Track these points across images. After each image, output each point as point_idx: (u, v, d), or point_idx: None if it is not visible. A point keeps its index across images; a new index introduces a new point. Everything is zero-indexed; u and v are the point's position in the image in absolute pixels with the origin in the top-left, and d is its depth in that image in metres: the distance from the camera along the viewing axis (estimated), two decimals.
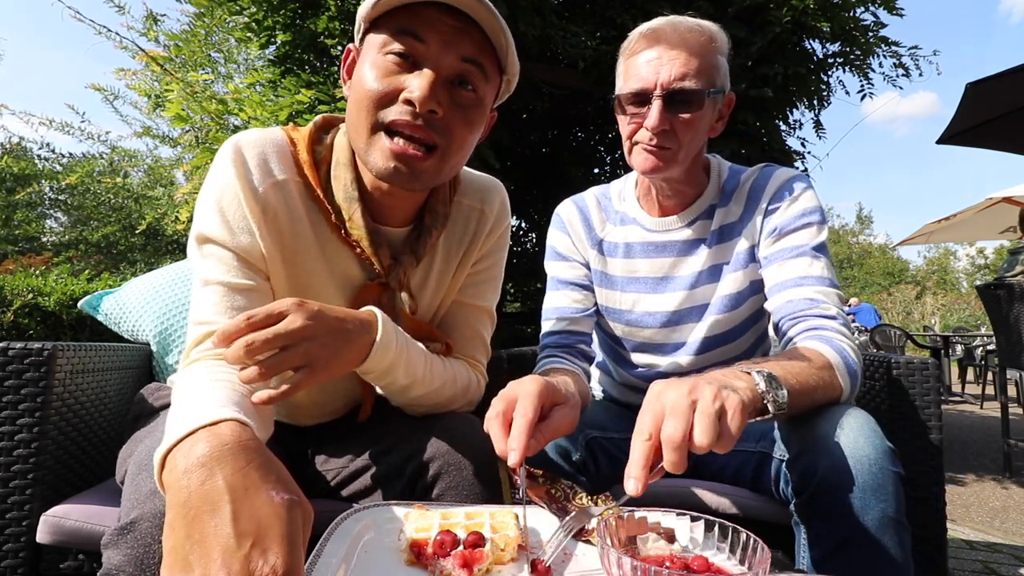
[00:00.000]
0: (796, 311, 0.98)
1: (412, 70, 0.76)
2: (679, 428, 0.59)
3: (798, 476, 0.83)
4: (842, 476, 0.77)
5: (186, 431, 0.55)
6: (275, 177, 0.83)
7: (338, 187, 0.85)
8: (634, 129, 1.04)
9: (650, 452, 0.60)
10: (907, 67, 2.80)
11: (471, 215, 0.98)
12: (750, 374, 0.73)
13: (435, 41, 0.76)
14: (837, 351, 0.89)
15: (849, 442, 0.79)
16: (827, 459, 0.79)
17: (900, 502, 0.77)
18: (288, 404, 1.00)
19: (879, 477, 0.76)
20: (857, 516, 0.76)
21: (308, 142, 0.86)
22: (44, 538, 1.00)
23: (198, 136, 2.56)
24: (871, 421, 0.83)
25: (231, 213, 0.80)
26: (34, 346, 1.04)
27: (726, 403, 0.62)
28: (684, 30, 1.01)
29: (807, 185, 1.09)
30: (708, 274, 1.12)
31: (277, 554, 0.46)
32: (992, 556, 2.16)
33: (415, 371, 0.84)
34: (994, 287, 3.25)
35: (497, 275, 1.03)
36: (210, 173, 0.83)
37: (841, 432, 0.80)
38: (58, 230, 10.19)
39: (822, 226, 1.06)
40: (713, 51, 1.02)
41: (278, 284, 0.85)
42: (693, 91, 0.99)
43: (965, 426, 5.03)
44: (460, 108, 0.79)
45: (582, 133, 3.43)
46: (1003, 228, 7.14)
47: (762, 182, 1.10)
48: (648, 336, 1.17)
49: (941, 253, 26.33)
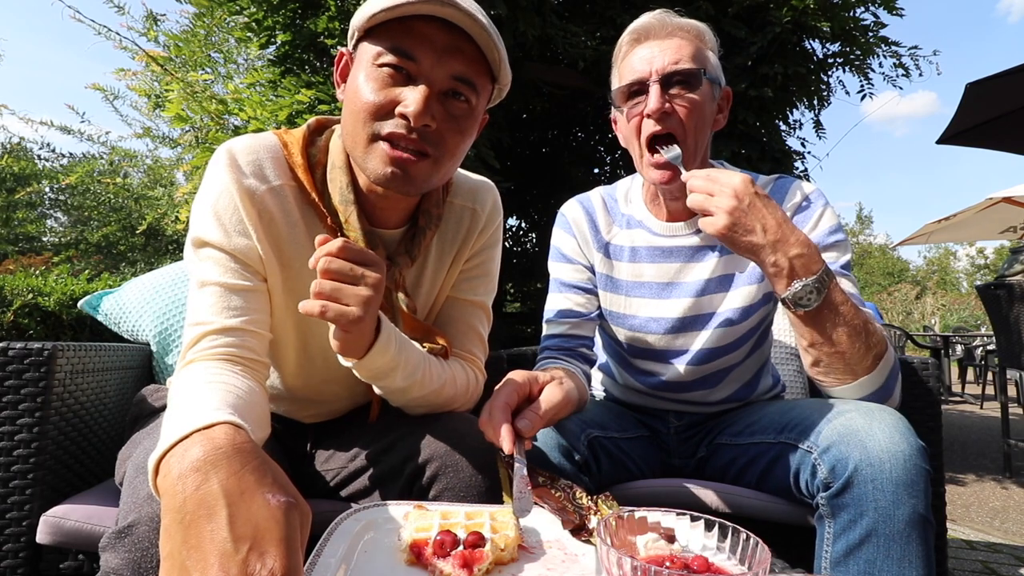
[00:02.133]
0: None
1: (406, 83, 0.77)
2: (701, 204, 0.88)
3: (829, 467, 0.83)
4: (875, 469, 0.78)
5: (180, 435, 0.54)
6: (270, 183, 0.83)
7: (334, 190, 0.85)
8: (637, 123, 1.03)
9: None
10: (907, 67, 2.80)
11: (463, 214, 0.98)
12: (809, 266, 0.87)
13: (428, 59, 0.77)
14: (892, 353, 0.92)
15: (884, 437, 0.79)
16: (861, 452, 0.79)
17: (929, 500, 0.78)
18: (291, 401, 1.00)
19: (912, 473, 0.77)
20: (888, 510, 0.76)
21: (302, 145, 0.86)
22: (44, 538, 1.00)
23: (198, 136, 2.55)
24: (904, 419, 0.84)
25: (227, 217, 0.80)
26: (34, 346, 1.04)
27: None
28: (672, 25, 1.02)
29: (826, 202, 1.08)
30: (717, 283, 1.11)
31: (275, 557, 0.46)
32: (992, 556, 2.16)
33: (413, 373, 0.84)
34: (994, 287, 3.25)
35: (491, 271, 1.03)
36: (205, 179, 0.83)
37: (876, 426, 0.81)
38: (58, 230, 10.18)
39: (847, 245, 1.05)
40: (703, 45, 1.03)
41: (274, 288, 0.85)
42: (689, 70, 0.99)
43: (965, 426, 5.03)
44: (453, 119, 0.80)
45: (582, 133, 3.43)
46: (1003, 228, 7.14)
47: (780, 195, 1.09)
48: (652, 342, 1.16)
49: (941, 253, 26.32)
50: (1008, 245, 10.71)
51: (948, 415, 5.61)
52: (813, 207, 1.07)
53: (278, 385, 0.97)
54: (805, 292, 0.85)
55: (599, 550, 0.55)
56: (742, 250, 0.87)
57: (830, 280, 0.87)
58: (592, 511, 0.72)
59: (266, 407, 0.75)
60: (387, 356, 0.79)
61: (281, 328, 0.89)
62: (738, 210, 0.85)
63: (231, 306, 0.78)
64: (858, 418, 0.84)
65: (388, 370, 0.80)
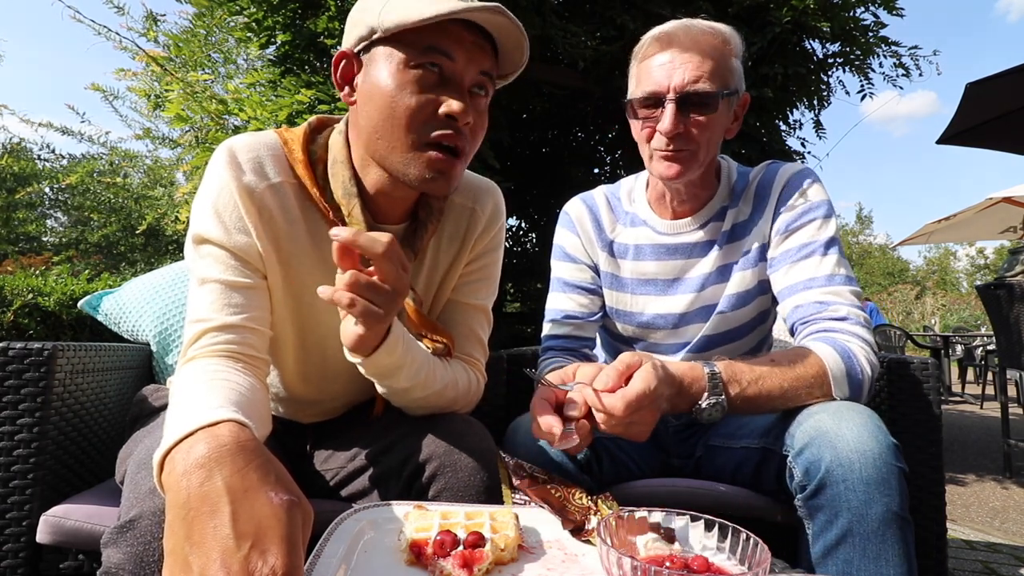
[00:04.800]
0: (806, 316, 0.98)
1: (439, 82, 0.78)
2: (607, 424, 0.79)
3: (803, 469, 0.83)
4: (846, 469, 0.78)
5: (184, 432, 0.55)
6: (270, 180, 0.83)
7: (336, 184, 0.85)
8: (649, 134, 1.04)
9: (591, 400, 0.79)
10: (907, 67, 2.80)
11: (462, 213, 0.98)
12: (703, 374, 0.85)
13: (462, 58, 0.78)
14: (840, 353, 0.89)
15: (853, 437, 0.79)
16: (831, 453, 0.79)
17: (904, 498, 0.78)
18: (290, 402, 1.00)
19: (883, 471, 0.77)
20: (860, 510, 0.76)
21: (303, 143, 0.86)
22: (44, 538, 1.00)
23: (198, 136, 2.55)
24: (875, 417, 0.83)
25: (227, 214, 0.81)
26: (34, 346, 1.04)
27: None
28: (697, 33, 1.00)
29: (813, 179, 1.08)
30: (717, 274, 1.12)
31: (276, 555, 0.46)
32: (992, 556, 2.16)
33: (417, 374, 0.84)
34: (994, 287, 3.25)
35: (492, 275, 1.03)
36: (205, 177, 0.84)
37: (846, 427, 0.81)
38: (58, 230, 10.19)
39: (828, 219, 1.05)
40: (727, 53, 1.02)
41: (275, 285, 0.85)
42: (707, 93, 0.98)
43: (965, 426, 5.03)
44: (480, 114, 0.83)
45: (582, 133, 3.43)
46: (1003, 228, 7.14)
47: (769, 179, 1.10)
48: (659, 338, 1.17)
49: (941, 253, 26.32)
50: (1008, 245, 10.71)
51: (948, 415, 5.61)
52: (795, 186, 1.08)
53: (277, 384, 0.97)
54: (711, 413, 0.86)
55: (599, 550, 0.55)
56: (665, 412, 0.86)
57: (720, 394, 0.85)
58: (592, 511, 0.72)
59: (267, 404, 0.76)
60: (394, 355, 0.79)
61: (280, 325, 0.89)
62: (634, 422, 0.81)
63: (232, 303, 0.78)
64: (827, 419, 0.83)
65: (394, 369, 0.81)
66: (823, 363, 0.89)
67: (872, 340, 0.95)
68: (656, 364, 0.80)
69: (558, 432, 0.76)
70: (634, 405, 0.75)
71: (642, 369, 0.78)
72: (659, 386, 0.78)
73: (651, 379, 0.77)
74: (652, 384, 0.77)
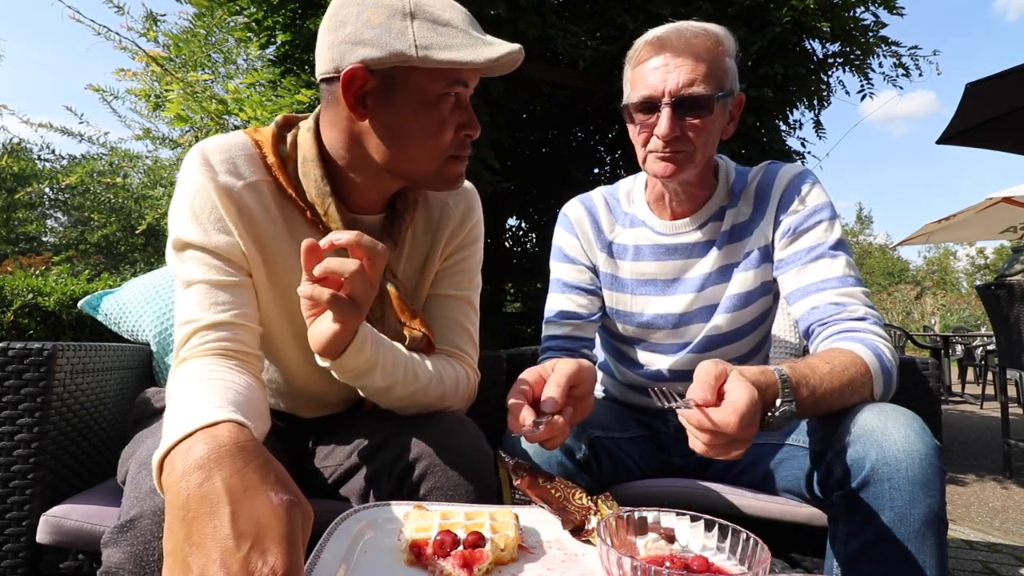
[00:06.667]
0: (824, 317, 0.98)
1: (456, 106, 0.84)
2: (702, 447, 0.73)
3: (844, 467, 0.82)
4: (892, 469, 0.77)
5: (183, 433, 0.55)
6: (246, 179, 0.84)
7: (308, 184, 0.86)
8: (646, 138, 1.04)
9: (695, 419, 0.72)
10: (907, 67, 2.81)
11: (435, 204, 1.00)
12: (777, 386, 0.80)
13: (473, 83, 0.85)
14: (873, 352, 0.90)
15: (900, 436, 0.79)
16: (877, 451, 0.79)
17: (944, 499, 0.78)
18: (291, 396, 1.00)
19: (929, 472, 0.77)
20: (904, 510, 0.76)
21: (272, 143, 0.87)
22: (44, 538, 1.00)
23: (198, 136, 2.56)
24: (918, 418, 0.83)
25: (205, 215, 0.81)
26: (34, 346, 1.04)
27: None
28: (690, 36, 1.01)
29: (814, 180, 1.09)
30: (717, 275, 1.12)
31: (276, 555, 0.46)
32: (992, 556, 2.16)
33: (394, 372, 0.83)
34: (994, 287, 3.25)
35: (472, 266, 1.04)
36: (179, 182, 0.84)
37: (892, 426, 0.80)
38: (58, 230, 10.19)
39: (834, 221, 1.05)
40: (720, 54, 1.02)
41: (260, 283, 0.86)
42: (702, 96, 0.99)
43: (965, 426, 5.03)
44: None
45: (582, 133, 3.43)
46: (1003, 228, 7.14)
47: (768, 180, 1.11)
48: (659, 338, 1.17)
49: (941, 253, 26.30)
50: (1008, 245, 10.72)
51: (948, 415, 5.61)
52: (796, 188, 1.08)
53: (279, 380, 0.97)
54: (780, 421, 0.80)
55: (599, 550, 0.55)
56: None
57: (791, 399, 0.80)
58: (592, 511, 0.72)
59: (264, 401, 0.76)
60: (363, 356, 0.78)
61: (275, 322, 0.89)
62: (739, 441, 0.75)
63: (218, 301, 0.78)
64: (872, 418, 0.83)
65: (366, 370, 0.80)
66: (866, 363, 0.89)
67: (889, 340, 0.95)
68: (739, 370, 0.74)
69: (529, 423, 0.74)
70: (748, 418, 0.68)
71: (734, 378, 0.72)
72: (758, 393, 0.72)
73: (750, 387, 0.71)
74: (755, 393, 0.71)
